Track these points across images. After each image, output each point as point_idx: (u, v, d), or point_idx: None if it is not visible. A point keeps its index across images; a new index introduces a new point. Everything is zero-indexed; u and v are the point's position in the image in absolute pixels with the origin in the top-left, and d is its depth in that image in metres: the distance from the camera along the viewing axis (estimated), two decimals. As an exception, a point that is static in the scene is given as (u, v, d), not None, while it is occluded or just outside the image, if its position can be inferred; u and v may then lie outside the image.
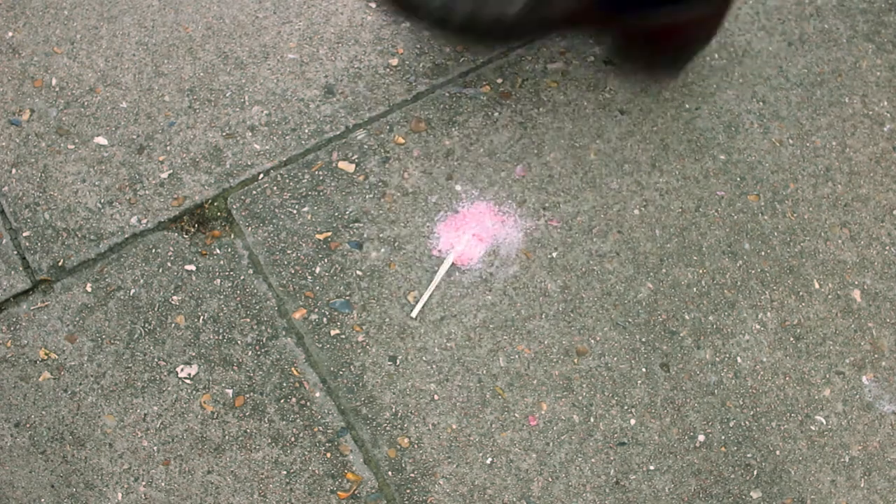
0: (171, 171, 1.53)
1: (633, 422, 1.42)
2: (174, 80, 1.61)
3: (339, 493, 1.35)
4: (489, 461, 1.38)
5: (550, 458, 1.39)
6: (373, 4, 1.73)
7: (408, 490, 1.36)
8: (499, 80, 1.66)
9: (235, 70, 1.63)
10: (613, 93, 1.67)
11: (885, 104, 1.71)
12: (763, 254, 1.56)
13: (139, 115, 1.58)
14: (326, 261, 1.49)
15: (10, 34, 1.63)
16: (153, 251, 1.48)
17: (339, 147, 1.58)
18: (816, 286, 1.54)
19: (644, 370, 1.45)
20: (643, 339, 1.47)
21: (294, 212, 1.52)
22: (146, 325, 1.43)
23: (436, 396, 1.41)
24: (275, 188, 1.53)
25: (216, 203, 1.52)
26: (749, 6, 1.79)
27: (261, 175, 1.54)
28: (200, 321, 1.44)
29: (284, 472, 1.36)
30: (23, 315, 1.42)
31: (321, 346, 1.43)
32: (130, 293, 1.45)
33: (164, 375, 1.40)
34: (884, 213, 1.61)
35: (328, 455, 1.37)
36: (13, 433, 1.35)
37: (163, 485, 1.34)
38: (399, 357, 1.43)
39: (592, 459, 1.39)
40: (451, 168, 1.58)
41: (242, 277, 1.47)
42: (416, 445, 1.38)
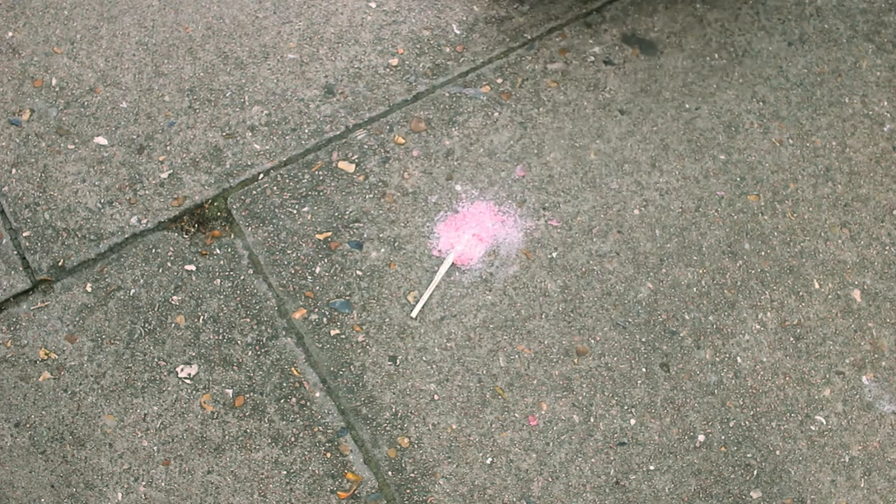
0: (171, 171, 1.53)
1: (633, 422, 1.42)
2: (174, 80, 1.61)
3: (339, 493, 1.35)
4: (489, 461, 1.38)
5: (550, 458, 1.39)
6: (373, 4, 1.73)
7: (408, 490, 1.36)
8: (499, 80, 1.66)
9: (235, 70, 1.63)
10: (613, 93, 1.67)
11: (885, 104, 1.71)
12: (763, 254, 1.56)
13: (139, 115, 1.58)
14: (326, 261, 1.49)
15: (10, 34, 1.63)
16: (153, 251, 1.48)
17: (339, 147, 1.58)
18: (816, 286, 1.54)
19: (644, 370, 1.45)
20: (643, 339, 1.47)
21: (294, 212, 1.52)
22: (146, 325, 1.43)
23: (436, 396, 1.41)
24: (275, 188, 1.53)
25: (216, 203, 1.52)
26: (749, 6, 1.79)
27: (261, 175, 1.54)
28: (200, 321, 1.44)
29: (284, 472, 1.36)
30: (23, 315, 1.42)
31: (321, 346, 1.43)
32: (130, 293, 1.45)
33: (164, 375, 1.40)
34: (884, 213, 1.61)
35: (328, 455, 1.37)
36: (13, 433, 1.35)
37: (163, 485, 1.34)
38: (399, 357, 1.43)
39: (592, 459, 1.39)
40: (451, 168, 1.58)
41: (242, 277, 1.47)
42: (416, 445, 1.38)
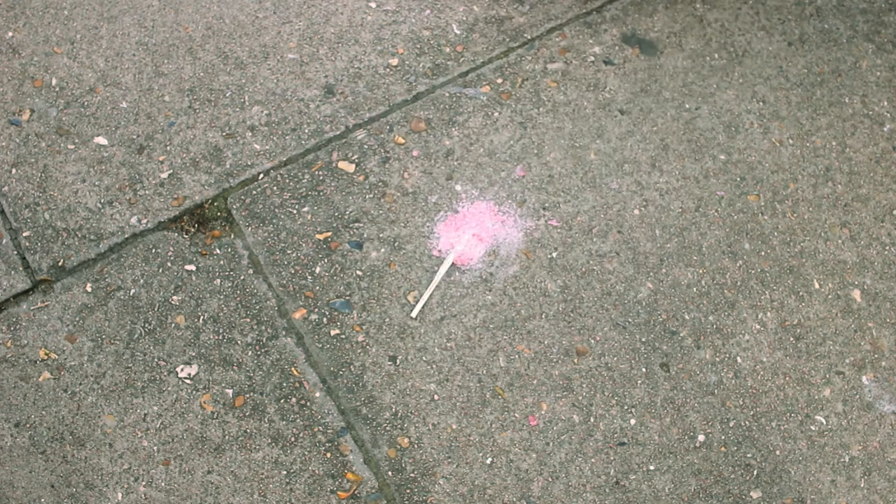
0: (171, 171, 1.53)
1: (633, 422, 1.42)
2: (174, 80, 1.61)
3: (339, 493, 1.35)
4: (489, 461, 1.38)
5: (550, 458, 1.39)
6: (373, 4, 1.73)
7: (408, 490, 1.36)
8: (499, 80, 1.66)
9: (235, 70, 1.63)
10: (613, 93, 1.67)
11: (885, 104, 1.71)
12: (763, 254, 1.56)
13: (139, 115, 1.58)
14: (326, 261, 1.49)
15: (10, 34, 1.63)
16: (153, 251, 1.48)
17: (339, 147, 1.58)
18: (816, 286, 1.54)
19: (644, 370, 1.45)
20: (643, 339, 1.47)
21: (294, 212, 1.52)
22: (146, 325, 1.43)
23: (436, 396, 1.41)
24: (275, 188, 1.53)
25: (216, 203, 1.52)
26: (749, 6, 1.79)
27: (261, 175, 1.54)
28: (200, 321, 1.44)
29: (284, 472, 1.36)
30: (23, 315, 1.42)
31: (321, 346, 1.43)
32: (130, 293, 1.45)
33: (164, 375, 1.40)
34: (884, 213, 1.61)
35: (328, 455, 1.37)
36: (13, 433, 1.35)
37: (163, 485, 1.34)
38: (399, 357, 1.43)
39: (592, 459, 1.39)
40: (451, 168, 1.58)
41: (242, 277, 1.47)
42: (416, 445, 1.38)
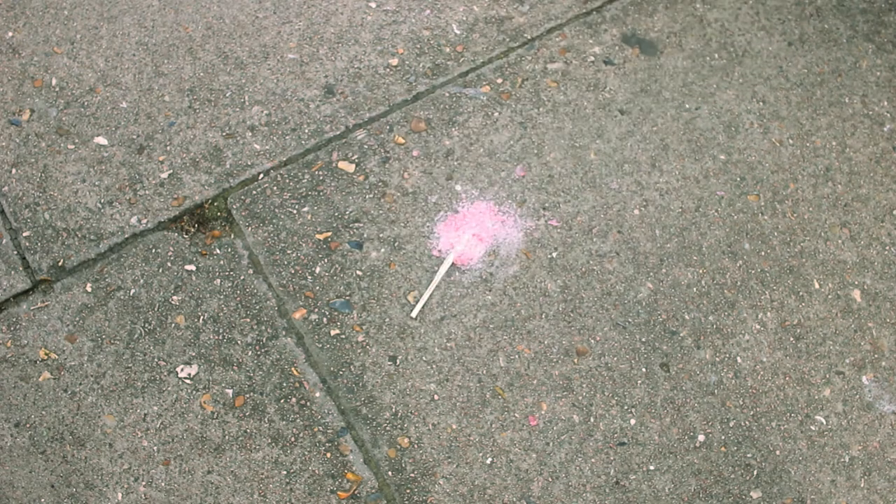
0: (171, 171, 1.53)
1: (633, 422, 1.42)
2: (174, 80, 1.61)
3: (339, 493, 1.35)
4: (489, 461, 1.38)
5: (550, 458, 1.39)
6: (373, 4, 1.73)
7: (408, 490, 1.36)
8: (499, 80, 1.66)
9: (235, 70, 1.63)
10: (613, 93, 1.67)
11: (885, 104, 1.71)
12: (763, 254, 1.56)
13: (139, 115, 1.58)
14: (326, 261, 1.49)
15: (10, 34, 1.63)
16: (153, 251, 1.48)
17: (339, 147, 1.58)
18: (816, 286, 1.54)
19: (644, 370, 1.45)
20: (643, 339, 1.47)
21: (294, 212, 1.52)
22: (146, 325, 1.43)
23: (436, 396, 1.41)
24: (275, 188, 1.53)
25: (216, 203, 1.52)
26: (749, 6, 1.79)
27: (261, 175, 1.54)
28: (200, 321, 1.44)
29: (284, 472, 1.36)
30: (23, 315, 1.42)
31: (321, 346, 1.43)
32: (130, 293, 1.45)
33: (164, 375, 1.40)
34: (884, 213, 1.61)
35: (328, 455, 1.37)
36: (13, 433, 1.35)
37: (163, 485, 1.34)
38: (399, 357, 1.43)
39: (592, 459, 1.39)
40: (451, 168, 1.58)
41: (242, 277, 1.47)
42: (416, 445, 1.38)
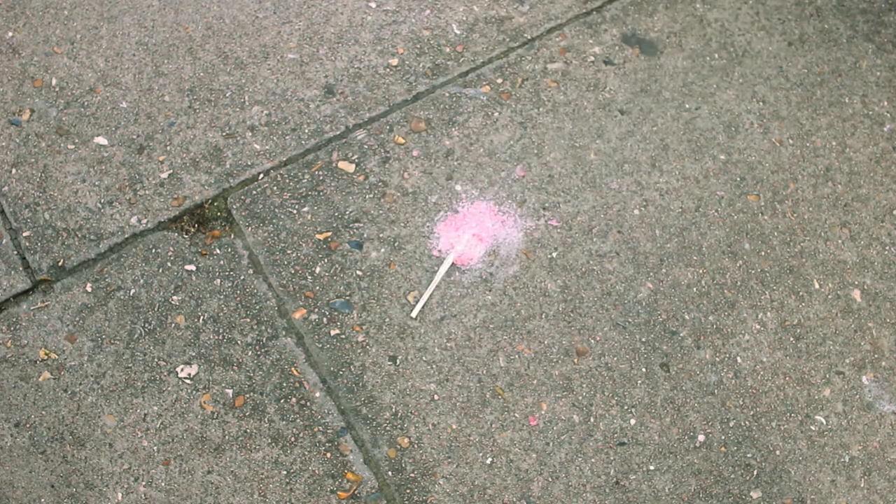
0: (171, 171, 1.53)
1: (633, 422, 1.42)
2: (174, 80, 1.61)
3: (339, 493, 1.35)
4: (489, 461, 1.38)
5: (550, 458, 1.39)
6: (373, 4, 1.73)
7: (408, 490, 1.36)
8: (499, 80, 1.66)
9: (235, 70, 1.63)
10: (613, 93, 1.67)
11: (885, 104, 1.71)
12: (763, 254, 1.56)
13: (139, 115, 1.58)
14: (326, 261, 1.49)
15: (10, 34, 1.63)
16: (153, 251, 1.48)
17: (339, 147, 1.58)
18: (816, 286, 1.54)
19: (644, 370, 1.45)
20: (643, 339, 1.47)
21: (294, 212, 1.52)
22: (146, 325, 1.43)
23: (436, 396, 1.41)
24: (275, 188, 1.53)
25: (216, 203, 1.52)
26: (749, 6, 1.79)
27: (261, 175, 1.54)
28: (200, 321, 1.44)
29: (284, 472, 1.36)
30: (23, 315, 1.42)
31: (321, 346, 1.43)
32: (130, 293, 1.45)
33: (164, 375, 1.40)
34: (884, 213, 1.61)
35: (328, 455, 1.37)
36: (13, 433, 1.35)
37: (163, 485, 1.34)
38: (399, 357, 1.43)
39: (592, 459, 1.39)
40: (451, 168, 1.58)
41: (242, 277, 1.47)
42: (416, 445, 1.38)
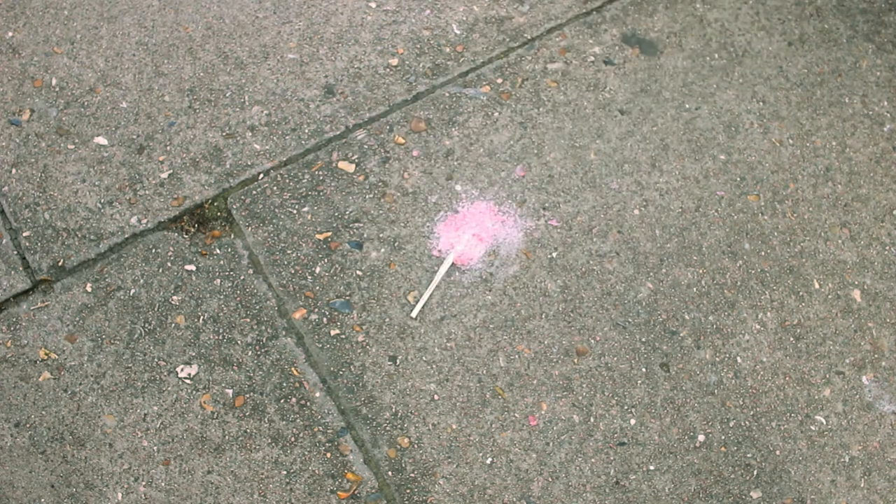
0: (171, 171, 1.53)
1: (633, 422, 1.42)
2: (174, 80, 1.61)
3: (339, 493, 1.35)
4: (489, 461, 1.38)
5: (550, 458, 1.39)
6: (373, 4, 1.73)
7: (408, 490, 1.36)
8: (499, 80, 1.66)
9: (235, 70, 1.63)
10: (613, 93, 1.67)
11: (885, 104, 1.71)
12: (763, 254, 1.56)
13: (139, 115, 1.58)
14: (326, 261, 1.49)
15: (10, 34, 1.63)
16: (153, 251, 1.48)
17: (339, 147, 1.58)
18: (816, 286, 1.54)
19: (644, 370, 1.45)
20: (643, 339, 1.47)
21: (294, 212, 1.52)
22: (146, 325, 1.43)
23: (436, 396, 1.41)
24: (275, 188, 1.53)
25: (216, 203, 1.52)
26: (749, 6, 1.79)
27: (261, 175, 1.54)
28: (200, 321, 1.44)
29: (284, 472, 1.36)
30: (23, 315, 1.42)
31: (321, 346, 1.43)
32: (130, 293, 1.45)
33: (164, 375, 1.40)
34: (884, 213, 1.61)
35: (328, 455, 1.37)
36: (13, 433, 1.35)
37: (163, 485, 1.34)
38: (399, 357, 1.43)
39: (592, 459, 1.39)
40: (451, 168, 1.58)
41: (242, 277, 1.47)
42: (416, 445, 1.38)
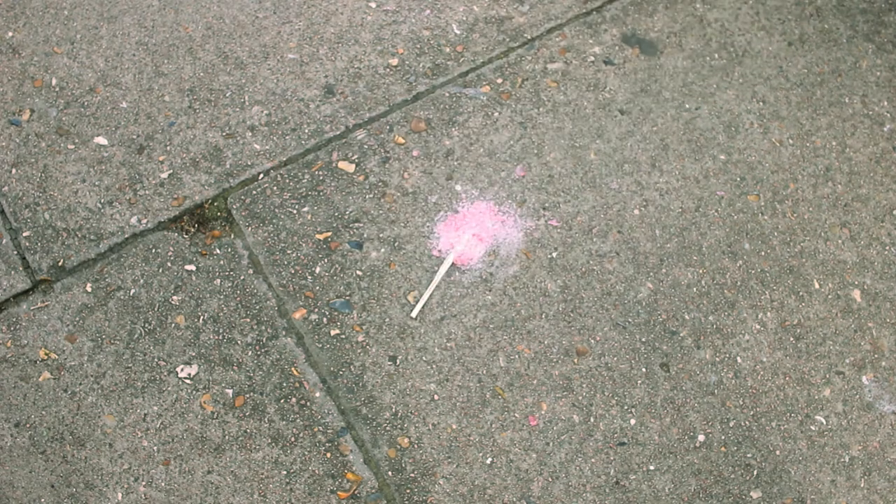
0: (171, 171, 1.53)
1: (633, 422, 1.42)
2: (174, 80, 1.61)
3: (339, 493, 1.35)
4: (489, 461, 1.38)
5: (550, 458, 1.39)
6: (373, 4, 1.73)
7: (408, 490, 1.36)
8: (499, 80, 1.66)
9: (235, 70, 1.63)
10: (613, 93, 1.67)
11: (885, 104, 1.71)
12: (763, 254, 1.56)
13: (139, 115, 1.58)
14: (326, 261, 1.49)
15: (10, 34, 1.63)
16: (153, 251, 1.48)
17: (339, 147, 1.58)
18: (816, 286, 1.54)
19: (644, 370, 1.45)
20: (643, 339, 1.47)
21: (294, 212, 1.52)
22: (146, 325, 1.43)
23: (436, 396, 1.41)
24: (275, 188, 1.53)
25: (216, 203, 1.52)
26: (749, 6, 1.79)
27: (261, 175, 1.54)
28: (200, 321, 1.44)
29: (284, 472, 1.36)
30: (23, 315, 1.42)
31: (321, 346, 1.43)
32: (130, 293, 1.45)
33: (164, 375, 1.40)
34: (884, 213, 1.61)
35: (328, 455, 1.37)
36: (13, 433, 1.35)
37: (163, 485, 1.34)
38: (399, 357, 1.43)
39: (592, 459, 1.39)
40: (451, 168, 1.58)
41: (242, 277, 1.47)
42: (416, 445, 1.38)
